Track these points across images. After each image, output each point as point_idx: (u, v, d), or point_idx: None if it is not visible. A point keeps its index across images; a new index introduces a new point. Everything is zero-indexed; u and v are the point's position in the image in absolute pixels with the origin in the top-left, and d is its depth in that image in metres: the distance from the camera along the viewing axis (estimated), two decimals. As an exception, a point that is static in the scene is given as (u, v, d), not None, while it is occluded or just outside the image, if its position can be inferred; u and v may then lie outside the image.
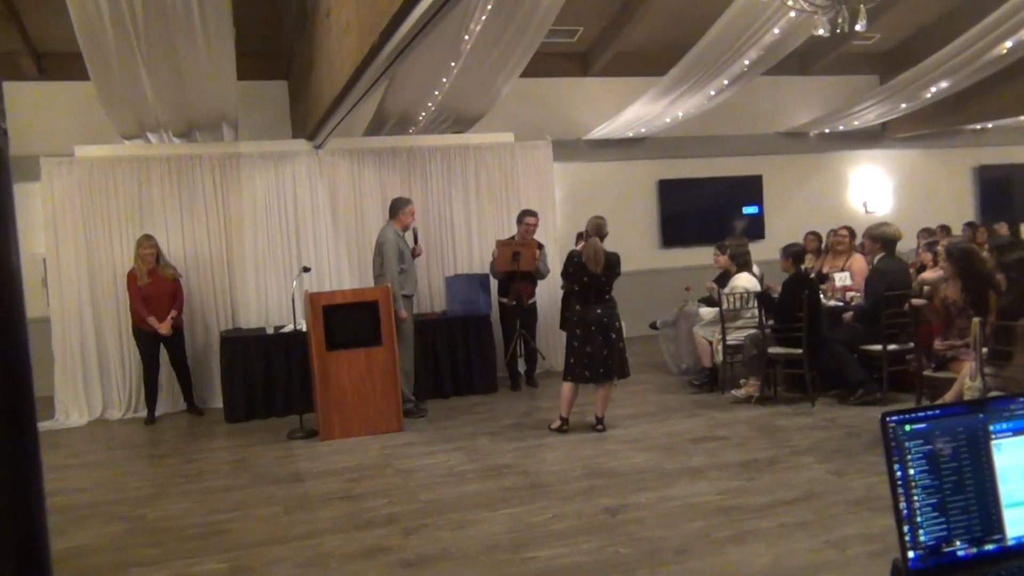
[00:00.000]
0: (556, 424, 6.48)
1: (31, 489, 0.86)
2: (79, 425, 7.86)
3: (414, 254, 7.60)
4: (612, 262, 6.24)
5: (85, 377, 8.06)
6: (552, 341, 8.99)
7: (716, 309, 7.53)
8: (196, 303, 8.36)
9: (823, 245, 9.07)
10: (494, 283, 8.47)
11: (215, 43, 6.52)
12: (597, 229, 6.30)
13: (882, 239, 7.04)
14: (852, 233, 8.55)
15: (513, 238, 8.32)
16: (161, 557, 4.38)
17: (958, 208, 12.61)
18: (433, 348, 8.10)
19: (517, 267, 8.03)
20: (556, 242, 9.18)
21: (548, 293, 8.78)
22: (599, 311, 6.24)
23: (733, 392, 7.22)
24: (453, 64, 7.49)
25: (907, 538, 1.59)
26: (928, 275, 7.56)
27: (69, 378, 8.02)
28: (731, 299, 7.38)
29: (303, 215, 8.67)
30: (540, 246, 8.29)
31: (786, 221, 11.75)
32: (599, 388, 6.39)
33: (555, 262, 8.64)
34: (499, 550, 4.18)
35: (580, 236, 8.33)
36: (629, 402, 7.35)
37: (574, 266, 6.28)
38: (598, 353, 6.23)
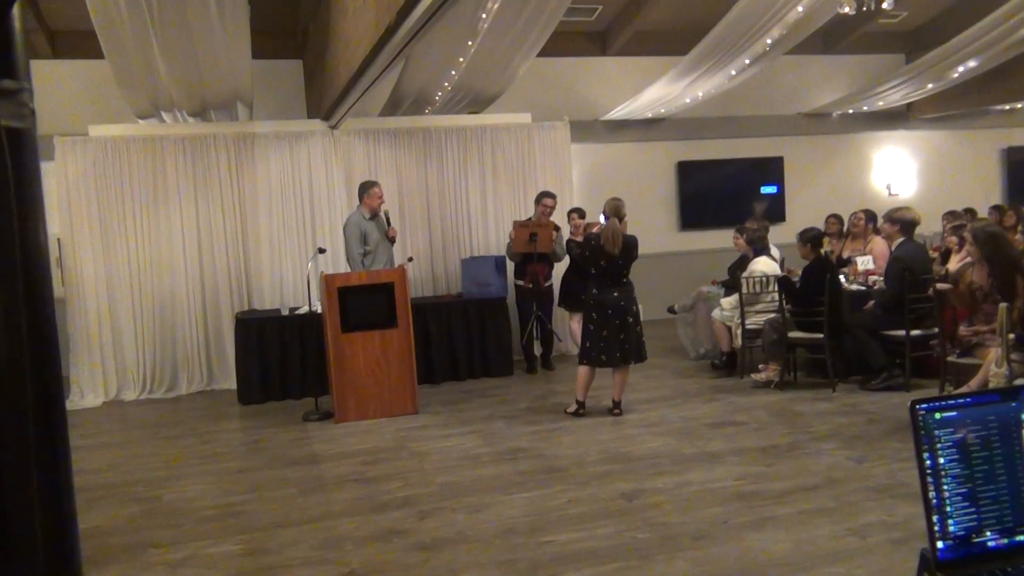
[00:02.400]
0: (572, 408, 6.48)
1: (60, 472, 0.86)
2: (94, 406, 7.93)
3: (389, 238, 7.66)
4: (629, 245, 6.21)
5: (101, 358, 8.14)
6: (568, 324, 8.99)
7: (735, 296, 7.49)
8: (210, 283, 8.40)
9: (844, 228, 9.00)
10: (510, 265, 8.46)
11: (230, 21, 6.51)
12: (615, 211, 6.27)
13: (901, 222, 6.97)
14: (870, 216, 8.48)
15: (530, 220, 8.30)
16: (177, 539, 4.42)
17: (985, 191, 12.45)
18: (448, 331, 8.12)
19: (534, 249, 8.02)
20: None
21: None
22: (616, 294, 6.22)
23: (752, 377, 7.20)
24: (470, 43, 7.44)
25: (936, 528, 1.57)
26: (952, 266, 7.49)
27: (84, 359, 8.09)
28: (750, 283, 7.34)
29: (318, 196, 8.68)
30: (556, 228, 8.27)
31: (807, 203, 11.65)
32: (616, 372, 6.38)
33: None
34: (515, 534, 4.19)
35: (571, 214, 8.30)
36: (646, 386, 7.34)
37: (591, 249, 6.25)
38: (614, 337, 6.21)
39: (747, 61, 8.98)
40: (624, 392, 6.49)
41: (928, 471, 1.58)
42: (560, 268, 8.54)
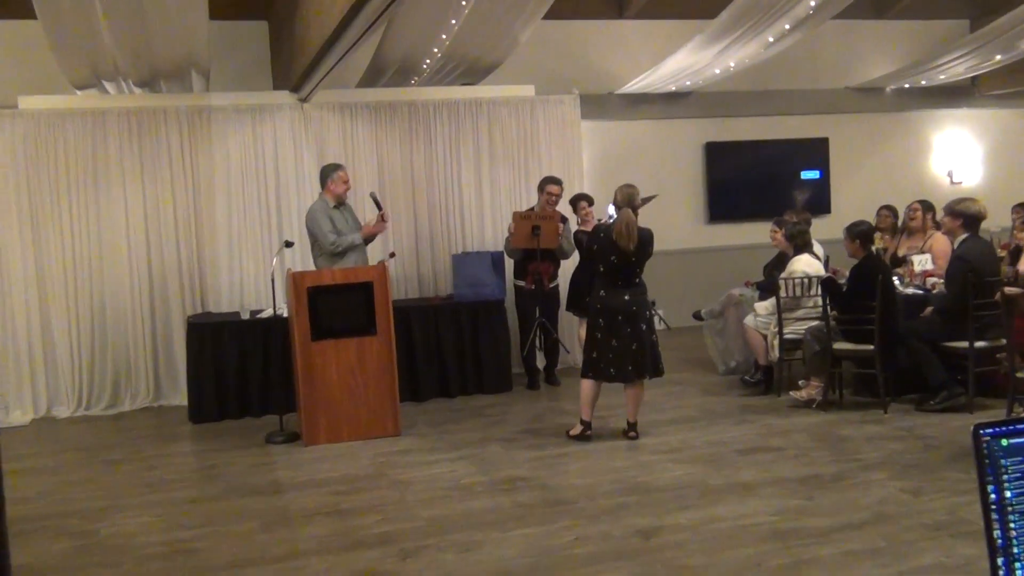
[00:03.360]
0: (577, 430, 6.49)
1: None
2: (22, 424, 7.93)
3: (382, 221, 7.62)
4: (645, 239, 6.21)
5: (30, 368, 8.13)
6: (577, 332, 8.98)
7: (772, 301, 7.50)
8: (159, 282, 8.40)
9: (899, 222, 9.02)
10: (509, 263, 8.46)
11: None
12: (628, 199, 6.25)
13: (964, 216, 6.97)
14: (927, 208, 8.50)
15: (532, 210, 8.30)
16: (118, 579, 4.42)
17: (1062, 179, 12.48)
18: (437, 339, 8.13)
19: (537, 244, 8.02)
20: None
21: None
22: (627, 297, 6.22)
23: (791, 395, 7.21)
24: (464, 3, 7.45)
25: (1001, 572, 1.57)
26: (1023, 266, 7.51)
27: (11, 369, 8.09)
28: (789, 285, 7.35)
29: (285, 180, 8.69)
30: (563, 220, 8.27)
31: (856, 193, 11.66)
32: (628, 388, 6.38)
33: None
34: (512, 577, 4.20)
35: (577, 201, 8.32)
36: (667, 405, 7.36)
37: (600, 242, 6.25)
38: (626, 347, 6.21)
39: (787, 26, 8.99)
40: (640, 412, 6.50)
41: (992, 506, 1.59)
42: (568, 266, 8.54)
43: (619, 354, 6.24)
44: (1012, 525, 1.58)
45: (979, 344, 6.74)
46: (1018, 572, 1.58)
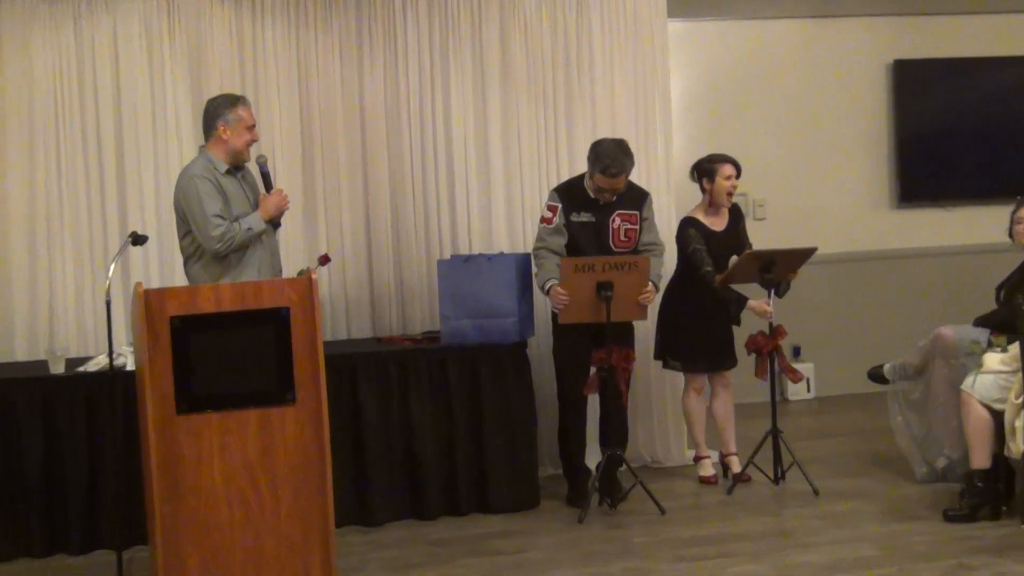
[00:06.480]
0: None
1: None
2: None
3: (270, 216, 7.57)
4: None
5: None
6: (656, 396, 8.97)
7: (1014, 349, 7.45)
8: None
9: None
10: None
11: None
12: None
13: None
14: None
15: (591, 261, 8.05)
16: None
17: None
18: (406, 414, 8.10)
19: (607, 316, 7.84)
20: (671, 186, 9.21)
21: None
22: None
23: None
24: None
25: None
26: None
27: None
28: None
29: (134, 122, 8.74)
30: (644, 197, 8.26)
31: None
32: None
33: (668, 225, 8.68)
34: None
35: (699, 171, 8.52)
36: (824, 536, 7.34)
37: None
38: None
39: None
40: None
41: None
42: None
43: None
44: None
45: None
46: None
